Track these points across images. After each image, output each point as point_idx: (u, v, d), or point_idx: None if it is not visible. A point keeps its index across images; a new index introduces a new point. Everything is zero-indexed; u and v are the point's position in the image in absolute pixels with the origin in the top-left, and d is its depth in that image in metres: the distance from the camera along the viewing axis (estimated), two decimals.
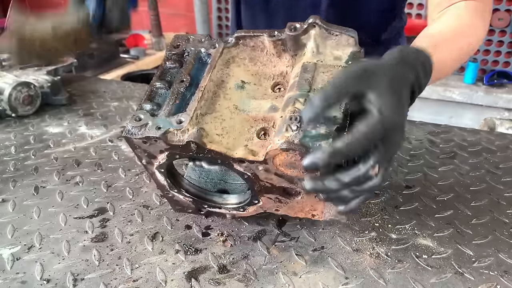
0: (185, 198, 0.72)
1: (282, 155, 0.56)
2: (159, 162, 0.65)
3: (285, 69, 0.69)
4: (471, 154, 0.97)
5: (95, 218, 0.77)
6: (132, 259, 0.67)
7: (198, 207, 0.74)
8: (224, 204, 0.72)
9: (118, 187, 0.86)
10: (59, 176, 0.90)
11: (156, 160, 0.65)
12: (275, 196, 0.65)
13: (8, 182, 0.88)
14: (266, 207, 0.68)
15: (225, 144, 0.60)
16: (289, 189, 0.63)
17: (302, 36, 0.67)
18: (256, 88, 0.68)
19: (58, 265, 0.66)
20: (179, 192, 0.71)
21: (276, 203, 0.67)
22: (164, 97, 0.65)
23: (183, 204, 0.74)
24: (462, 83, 2.78)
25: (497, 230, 0.73)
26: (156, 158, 0.64)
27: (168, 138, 0.59)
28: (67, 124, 1.14)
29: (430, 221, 0.75)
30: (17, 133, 1.10)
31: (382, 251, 0.68)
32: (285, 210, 0.68)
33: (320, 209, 0.65)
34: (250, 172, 0.61)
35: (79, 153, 1.00)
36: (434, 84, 2.75)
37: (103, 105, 1.27)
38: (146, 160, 0.65)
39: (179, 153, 0.62)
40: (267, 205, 0.68)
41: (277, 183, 0.62)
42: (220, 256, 0.68)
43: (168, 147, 0.61)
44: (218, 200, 0.73)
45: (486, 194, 0.82)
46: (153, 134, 0.59)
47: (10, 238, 0.73)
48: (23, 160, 0.97)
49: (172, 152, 0.62)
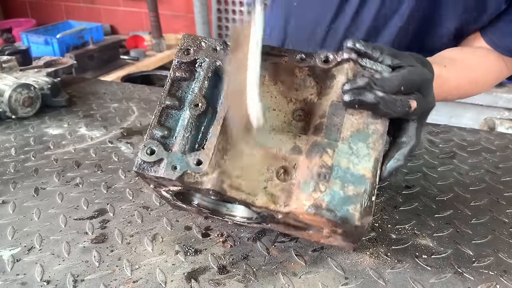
0: (188, 207, 0.71)
1: (308, 215, 0.55)
2: (171, 191, 0.64)
3: (309, 96, 0.63)
4: (471, 154, 0.97)
5: (95, 219, 0.77)
6: (132, 260, 0.68)
7: (201, 213, 0.73)
8: (229, 215, 0.71)
9: (118, 188, 0.86)
10: (59, 178, 0.90)
11: (166, 188, 0.63)
12: (286, 228, 0.65)
13: (8, 184, 0.88)
14: (275, 228, 0.68)
15: (244, 188, 0.57)
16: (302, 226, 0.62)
17: (334, 67, 0.61)
18: (276, 114, 0.63)
19: (58, 266, 0.67)
20: (184, 203, 0.70)
21: (285, 229, 0.66)
22: (176, 119, 0.61)
23: (185, 209, 0.74)
24: None
25: (496, 229, 0.73)
26: (167, 187, 0.63)
27: (184, 180, 0.57)
28: (67, 126, 1.15)
29: (430, 221, 0.75)
30: (17, 134, 1.10)
31: (381, 251, 0.68)
32: (293, 233, 0.68)
33: (328, 242, 0.65)
34: (267, 213, 0.59)
35: (79, 155, 1.00)
36: None
37: (103, 107, 1.27)
38: (155, 185, 0.63)
39: (194, 193, 0.61)
40: (276, 228, 0.68)
41: (293, 223, 0.60)
42: (220, 256, 0.68)
43: (183, 186, 0.59)
44: (223, 210, 0.71)
45: (485, 193, 0.82)
46: (169, 176, 0.57)
47: (10, 239, 0.73)
48: (23, 162, 0.97)
49: (188, 190, 0.61)
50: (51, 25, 3.58)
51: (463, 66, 0.86)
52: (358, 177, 0.55)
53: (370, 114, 0.58)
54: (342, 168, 0.56)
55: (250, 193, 0.57)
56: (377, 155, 0.56)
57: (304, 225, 0.60)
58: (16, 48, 2.14)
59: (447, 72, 0.79)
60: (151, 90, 1.40)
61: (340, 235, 0.59)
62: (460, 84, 0.85)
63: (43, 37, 3.17)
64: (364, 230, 0.55)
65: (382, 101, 0.56)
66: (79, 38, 3.24)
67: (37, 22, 3.94)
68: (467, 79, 0.86)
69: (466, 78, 0.86)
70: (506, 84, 2.69)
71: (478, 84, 0.88)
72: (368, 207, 0.54)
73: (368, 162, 0.56)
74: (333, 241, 0.63)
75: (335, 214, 0.54)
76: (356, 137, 0.57)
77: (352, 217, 0.54)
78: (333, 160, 0.56)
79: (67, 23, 3.70)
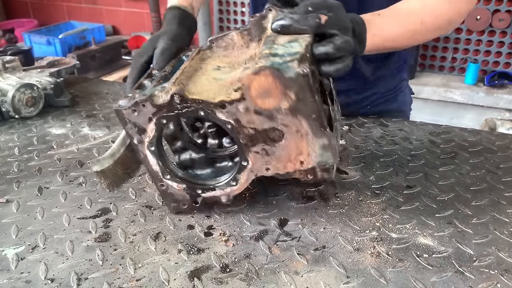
0: (178, 186, 0.74)
1: (256, 81, 0.60)
2: (149, 137, 0.69)
3: (254, 51, 0.75)
4: (472, 154, 0.97)
5: (99, 219, 0.78)
6: (135, 259, 0.68)
7: (193, 197, 0.76)
8: (216, 183, 0.75)
9: (121, 187, 0.87)
10: (63, 177, 0.91)
11: (146, 136, 0.69)
12: (261, 147, 0.67)
13: (12, 183, 0.89)
14: (256, 168, 0.70)
15: (205, 96, 0.65)
16: (272, 132, 0.66)
17: (262, 20, 0.74)
18: (231, 70, 0.74)
19: (62, 265, 0.67)
20: (172, 178, 0.74)
21: (264, 157, 0.68)
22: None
23: (177, 198, 0.76)
24: (463, 84, 2.78)
25: (497, 229, 0.73)
26: (145, 133, 0.69)
27: (154, 101, 0.66)
28: (70, 126, 1.15)
29: (431, 220, 0.75)
30: (21, 134, 1.11)
31: (383, 250, 0.69)
32: (275, 166, 0.70)
33: (306, 150, 0.67)
34: (232, 119, 0.65)
35: (82, 154, 1.00)
36: (436, 85, 2.76)
37: (105, 107, 1.27)
38: (137, 138, 0.70)
39: (166, 116, 0.67)
40: (256, 165, 0.70)
41: (259, 125, 0.65)
42: (223, 255, 0.69)
43: (155, 111, 0.66)
44: (210, 181, 0.76)
45: (486, 193, 0.83)
46: (140, 98, 0.66)
47: (15, 238, 0.73)
48: (27, 161, 0.98)
49: (160, 117, 0.67)
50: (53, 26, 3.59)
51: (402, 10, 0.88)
52: (292, 52, 0.62)
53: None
54: (279, 53, 0.63)
55: (211, 98, 0.65)
56: (308, 42, 0.65)
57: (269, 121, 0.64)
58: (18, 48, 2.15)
59: (380, 19, 0.83)
60: None
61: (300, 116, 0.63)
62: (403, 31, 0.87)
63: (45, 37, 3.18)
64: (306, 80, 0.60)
65: (295, 21, 0.66)
66: (81, 39, 3.25)
67: (39, 22, 3.95)
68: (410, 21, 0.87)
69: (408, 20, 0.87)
70: (507, 85, 2.70)
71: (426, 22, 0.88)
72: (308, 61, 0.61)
73: (300, 46, 0.64)
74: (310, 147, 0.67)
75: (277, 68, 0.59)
76: (289, 41, 0.66)
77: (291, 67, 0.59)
78: (270, 50, 0.64)
79: (69, 23, 3.71)
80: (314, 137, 0.65)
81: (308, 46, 0.64)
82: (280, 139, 0.66)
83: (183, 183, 0.74)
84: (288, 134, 0.66)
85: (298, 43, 0.65)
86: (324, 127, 0.65)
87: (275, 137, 0.66)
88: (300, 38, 0.66)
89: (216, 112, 0.65)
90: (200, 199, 0.76)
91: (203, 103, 0.65)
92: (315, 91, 0.62)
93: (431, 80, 2.86)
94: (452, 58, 2.89)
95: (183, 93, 0.65)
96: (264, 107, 0.63)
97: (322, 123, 0.64)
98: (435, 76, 2.92)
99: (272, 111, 0.63)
